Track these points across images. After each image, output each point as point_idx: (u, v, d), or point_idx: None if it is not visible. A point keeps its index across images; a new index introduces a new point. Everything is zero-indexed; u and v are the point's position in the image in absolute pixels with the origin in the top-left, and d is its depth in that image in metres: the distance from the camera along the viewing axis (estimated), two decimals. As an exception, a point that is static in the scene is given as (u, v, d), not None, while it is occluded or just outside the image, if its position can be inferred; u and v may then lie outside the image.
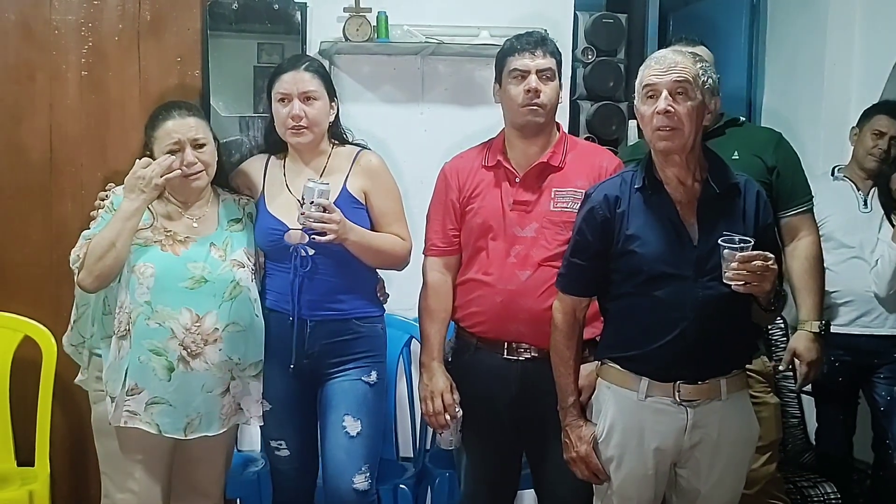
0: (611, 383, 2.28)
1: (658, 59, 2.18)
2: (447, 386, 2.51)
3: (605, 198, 2.25)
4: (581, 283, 2.31)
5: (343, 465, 2.46)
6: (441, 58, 3.40)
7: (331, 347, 2.51)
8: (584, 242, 2.27)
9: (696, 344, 2.15)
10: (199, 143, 2.41)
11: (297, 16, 3.28)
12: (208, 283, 2.37)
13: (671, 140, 2.13)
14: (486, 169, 2.54)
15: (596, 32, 3.60)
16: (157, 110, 2.48)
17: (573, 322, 2.32)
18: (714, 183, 2.19)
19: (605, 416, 2.28)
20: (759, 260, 2.02)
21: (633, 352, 2.22)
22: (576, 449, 2.31)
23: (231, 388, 2.43)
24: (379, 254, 2.53)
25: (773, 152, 2.75)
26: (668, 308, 2.16)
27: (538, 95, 2.42)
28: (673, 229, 2.19)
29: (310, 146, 2.54)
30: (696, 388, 2.19)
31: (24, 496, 2.79)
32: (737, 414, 2.24)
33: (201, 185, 2.46)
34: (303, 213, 2.34)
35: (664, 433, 2.20)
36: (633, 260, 2.20)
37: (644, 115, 2.17)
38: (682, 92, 2.13)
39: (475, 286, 2.50)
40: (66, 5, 3.15)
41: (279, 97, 2.50)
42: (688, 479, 2.26)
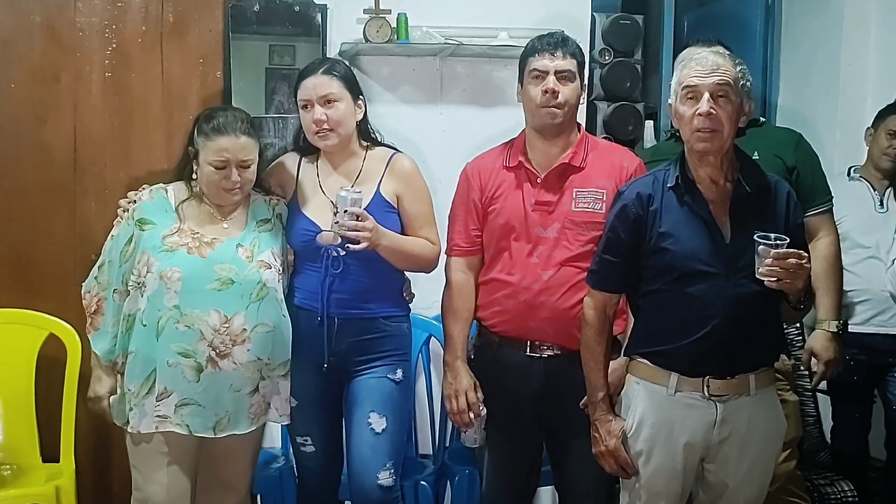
0: (640, 378, 2.30)
1: (699, 60, 2.19)
2: (471, 385, 2.54)
3: (638, 196, 2.28)
4: (612, 279, 2.34)
5: (368, 460, 2.49)
6: (460, 59, 3.42)
7: (358, 346, 2.54)
8: (617, 239, 2.30)
9: (727, 340, 2.18)
10: (246, 163, 2.43)
11: (317, 17, 3.30)
12: (235, 285, 2.39)
13: (710, 142, 2.16)
14: (508, 170, 2.56)
15: (613, 33, 3.63)
16: (212, 115, 2.45)
17: (603, 318, 2.35)
18: (746, 183, 2.22)
19: (634, 411, 2.30)
20: (794, 258, 2.05)
21: (664, 347, 2.25)
22: (605, 443, 2.33)
23: (261, 388, 2.45)
24: (409, 257, 2.56)
25: (792, 152, 2.77)
26: (700, 305, 2.19)
27: (556, 96, 2.44)
28: (706, 227, 2.21)
29: (338, 147, 2.56)
30: (726, 383, 2.21)
31: (50, 492, 2.82)
32: (765, 409, 2.27)
33: (237, 201, 2.49)
34: (336, 222, 2.37)
35: (694, 428, 2.23)
36: (666, 257, 2.23)
37: (684, 116, 2.19)
38: (724, 95, 2.15)
39: (498, 286, 2.53)
40: (91, 7, 3.20)
41: (302, 104, 2.53)
42: (715, 473, 2.29)
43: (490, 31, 3.33)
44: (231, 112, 2.49)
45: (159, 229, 2.44)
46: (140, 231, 2.45)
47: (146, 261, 2.41)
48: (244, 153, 2.41)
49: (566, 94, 2.45)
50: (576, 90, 2.49)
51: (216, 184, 2.42)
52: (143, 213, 2.47)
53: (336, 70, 2.56)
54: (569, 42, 2.50)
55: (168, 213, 2.47)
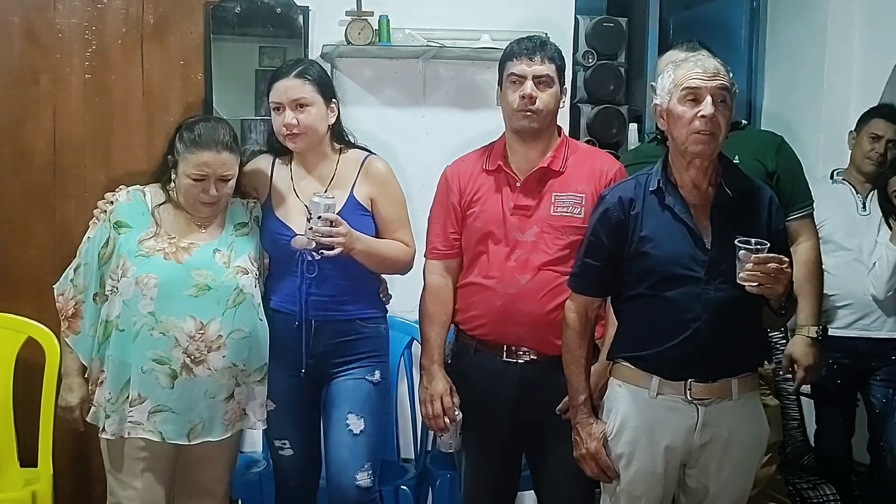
0: (623, 381, 2.30)
1: (698, 63, 2.18)
2: (447, 389, 2.52)
3: (620, 200, 2.27)
4: (594, 283, 2.34)
5: (346, 461, 2.48)
6: (442, 61, 3.41)
7: (335, 347, 2.53)
8: (598, 243, 2.30)
9: (708, 345, 2.17)
10: (226, 178, 2.41)
11: (299, 19, 3.29)
12: (212, 291, 2.38)
13: (709, 144, 2.16)
14: (487, 173, 2.55)
15: (596, 36, 3.62)
16: (194, 126, 2.42)
17: (585, 322, 2.35)
18: (728, 187, 2.22)
19: (615, 414, 2.30)
20: (775, 262, 2.05)
21: (645, 351, 2.25)
22: (586, 445, 2.32)
23: (236, 394, 2.43)
24: (384, 260, 2.55)
25: (774, 156, 2.76)
26: (680, 309, 2.19)
27: (533, 102, 2.42)
28: (687, 232, 2.21)
29: (310, 150, 2.55)
30: (707, 386, 2.21)
31: (27, 497, 2.79)
32: (747, 414, 2.26)
33: (212, 214, 2.47)
34: (310, 228, 2.35)
35: (674, 431, 2.22)
36: (647, 261, 2.23)
37: (682, 117, 2.16)
38: (723, 100, 2.16)
39: (476, 290, 2.51)
40: (70, 9, 3.19)
41: (273, 106, 2.52)
42: (697, 478, 2.28)
43: (472, 34, 3.33)
44: (214, 124, 2.46)
45: (135, 232, 2.42)
46: (117, 234, 2.43)
47: (122, 264, 2.39)
48: (224, 168, 2.39)
49: (544, 99, 2.44)
50: (554, 95, 2.47)
51: (193, 196, 2.40)
52: (120, 215, 2.44)
53: (309, 73, 2.54)
54: (547, 46, 2.48)
55: (145, 216, 2.45)
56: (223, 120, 2.59)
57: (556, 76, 2.47)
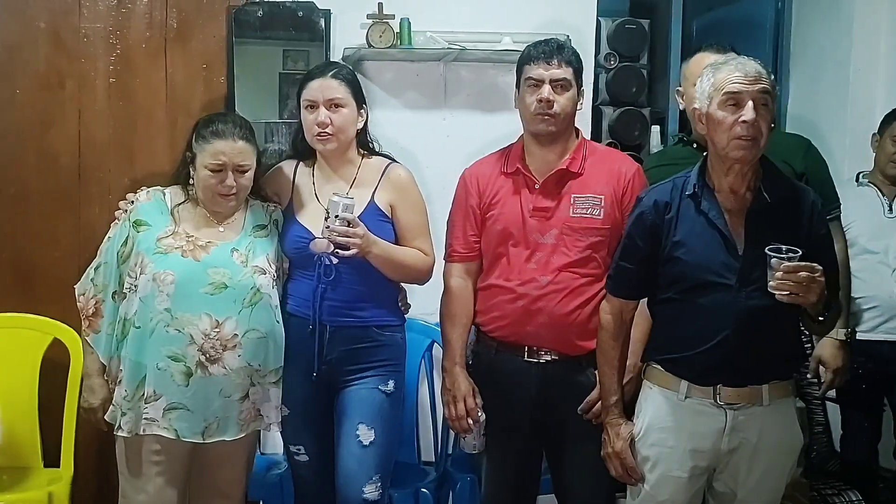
0: (653, 384, 2.29)
1: (740, 67, 2.14)
2: (469, 390, 2.52)
3: (655, 203, 2.26)
4: (628, 286, 2.33)
5: (354, 473, 2.46)
6: (464, 64, 3.40)
7: (349, 354, 2.52)
8: (633, 246, 2.29)
9: (737, 352, 2.15)
10: (243, 168, 2.42)
11: (320, 22, 3.29)
12: (229, 289, 2.39)
13: (750, 150, 2.13)
14: (506, 175, 2.55)
15: (618, 38, 3.60)
16: (210, 120, 2.46)
17: (620, 323, 2.35)
18: (766, 192, 2.18)
19: (643, 416, 2.29)
20: (806, 271, 2.01)
21: (676, 355, 2.23)
22: (612, 445, 2.32)
23: (250, 394, 2.44)
24: (401, 268, 2.54)
25: (801, 158, 2.73)
26: (710, 316, 2.16)
27: (550, 105, 2.42)
28: (720, 238, 2.18)
29: (336, 153, 2.55)
30: (737, 391, 2.19)
31: (43, 497, 2.82)
32: (779, 421, 2.23)
33: (232, 207, 2.48)
34: (327, 227, 2.35)
35: (702, 434, 2.21)
36: (678, 266, 2.21)
37: (723, 122, 2.12)
38: (766, 104, 2.12)
39: (496, 291, 2.51)
40: (95, 13, 3.21)
41: (306, 104, 2.51)
42: (725, 482, 2.26)
43: (493, 37, 3.32)
44: (230, 117, 2.50)
45: (154, 231, 2.44)
46: (136, 232, 2.45)
47: (140, 262, 2.41)
48: (241, 157, 2.41)
49: (562, 103, 2.44)
50: (572, 98, 2.47)
51: (212, 188, 2.41)
52: (140, 214, 2.47)
53: (344, 75, 2.56)
54: (565, 49, 2.48)
55: (164, 214, 2.47)
56: (238, 115, 2.61)
57: (573, 79, 2.47)
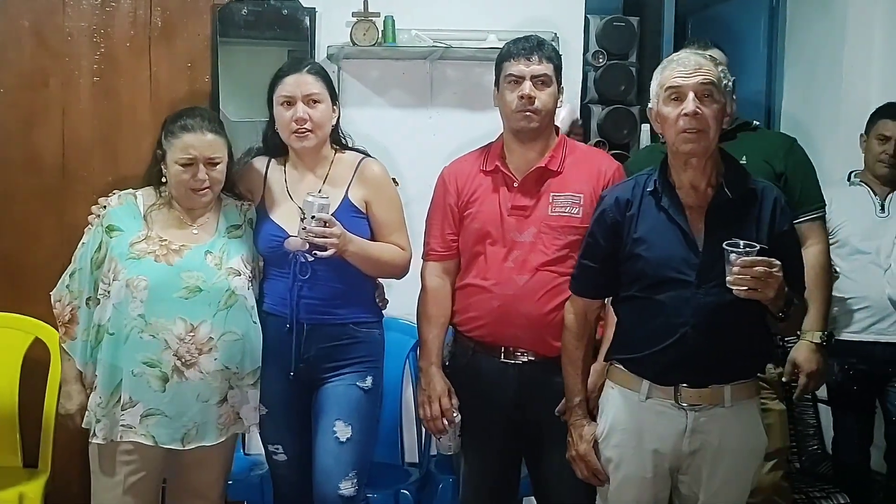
0: (615, 384, 2.27)
1: (681, 61, 2.15)
2: (445, 390, 2.50)
3: (616, 201, 2.24)
4: (591, 285, 2.31)
5: (330, 470, 2.44)
6: (449, 62, 3.39)
7: (327, 352, 2.49)
8: (595, 245, 2.27)
9: (698, 350, 2.12)
10: (214, 161, 2.39)
11: (305, 21, 3.29)
12: (203, 293, 2.36)
13: (697, 142, 2.11)
14: (485, 174, 2.53)
15: (607, 36, 3.56)
16: (178, 115, 2.44)
17: (584, 323, 2.33)
18: (728, 188, 2.17)
19: (606, 416, 2.27)
20: (762, 266, 1.98)
21: (637, 354, 2.21)
22: (576, 447, 2.30)
23: (229, 398, 2.42)
24: (378, 264, 2.52)
25: (783, 158, 2.70)
26: (669, 313, 2.14)
27: (532, 102, 2.40)
28: (679, 234, 2.16)
29: (312, 150, 2.53)
30: (698, 392, 2.16)
31: (13, 497, 2.80)
32: (741, 423, 2.20)
33: (206, 201, 2.45)
34: (303, 228, 2.33)
35: (663, 435, 2.18)
36: (639, 263, 2.19)
37: (668, 118, 2.14)
38: (709, 94, 2.11)
39: (473, 291, 2.49)
40: (79, 12, 3.21)
41: (283, 100, 2.48)
42: (689, 485, 2.23)
43: (479, 34, 3.30)
44: (198, 111, 2.48)
45: (127, 236, 2.41)
46: (109, 238, 2.42)
47: (114, 268, 2.38)
48: (211, 150, 2.38)
49: (543, 99, 2.42)
50: (552, 95, 2.45)
51: (184, 183, 2.39)
52: (112, 219, 2.44)
53: (318, 71, 2.55)
54: (544, 46, 2.45)
55: (136, 219, 2.44)
56: (207, 109, 2.60)
57: (553, 75, 2.45)
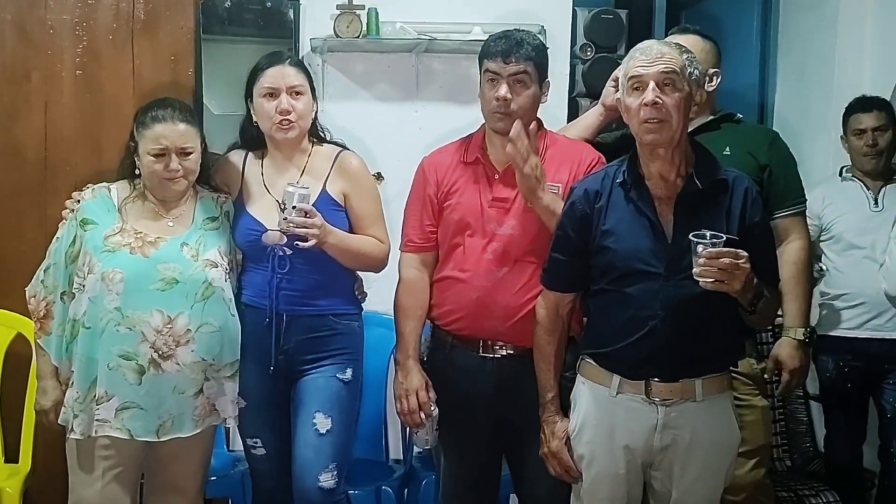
0: (586, 379, 2.24)
1: (643, 50, 2.13)
2: (422, 384, 2.47)
3: (586, 192, 2.21)
4: (562, 278, 2.28)
5: (310, 462, 2.42)
6: (435, 55, 3.36)
7: (306, 344, 2.48)
8: (565, 237, 2.24)
9: (667, 343, 2.09)
10: (186, 151, 2.38)
11: (289, 13, 3.28)
12: (180, 284, 2.34)
13: (659, 132, 2.08)
14: (465, 165, 2.49)
15: (595, 29, 3.53)
16: (149, 106, 2.43)
17: (555, 318, 2.29)
18: (698, 178, 2.13)
19: (577, 412, 2.24)
20: (728, 257, 1.95)
21: (607, 348, 2.18)
22: (548, 444, 2.28)
23: (205, 389, 2.39)
24: (357, 256, 2.50)
25: (766, 150, 2.66)
26: (639, 305, 2.11)
27: (508, 104, 2.36)
28: (648, 225, 2.13)
29: (292, 143, 2.51)
30: (668, 386, 2.13)
31: (-9, 493, 2.79)
32: (713, 417, 2.17)
33: (179, 190, 2.43)
34: (284, 219, 2.30)
35: (634, 431, 2.15)
36: (608, 256, 2.16)
37: (630, 108, 2.12)
38: (670, 83, 2.08)
39: (450, 283, 2.45)
40: (61, 5, 3.19)
41: (265, 92, 2.46)
42: (661, 481, 2.20)
43: (464, 27, 3.28)
44: (168, 101, 2.46)
45: (101, 229, 2.39)
46: (83, 231, 2.40)
47: (88, 261, 2.37)
48: (183, 140, 2.37)
49: (519, 101, 2.38)
50: (531, 95, 2.40)
51: (157, 174, 2.37)
52: (86, 213, 2.42)
53: (298, 63, 2.56)
54: (524, 45, 2.39)
55: (111, 212, 2.42)
56: (178, 100, 2.57)
57: (534, 73, 2.40)
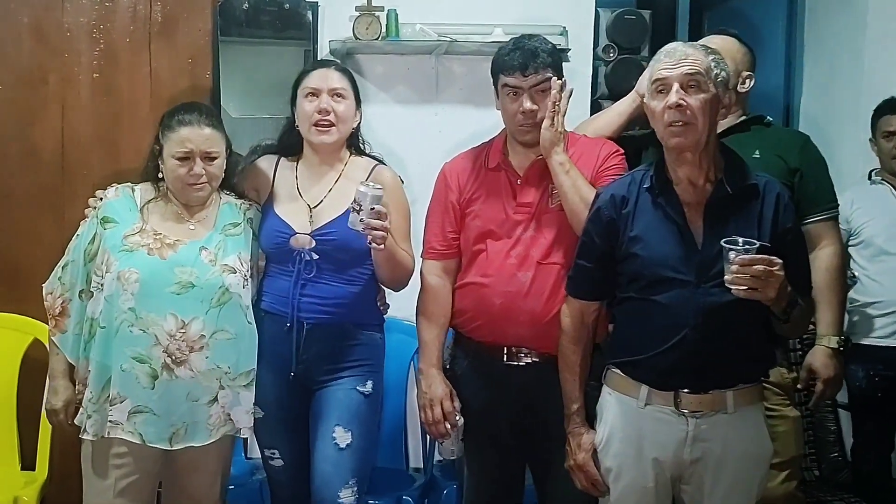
0: (613, 389, 2.18)
1: (668, 52, 2.09)
2: (447, 393, 2.42)
3: (612, 198, 2.16)
4: (587, 286, 2.23)
5: (329, 477, 2.37)
6: (455, 57, 3.31)
7: (326, 352, 2.43)
8: (590, 244, 2.19)
9: (698, 353, 2.03)
10: (211, 155, 2.35)
11: (308, 15, 3.24)
12: (196, 288, 2.30)
13: (684, 136, 2.03)
14: (487, 170, 2.46)
15: (617, 30, 3.47)
16: (175, 110, 2.41)
17: (580, 327, 2.24)
18: (728, 183, 2.08)
19: (605, 424, 2.19)
20: (762, 264, 1.89)
21: (634, 358, 2.12)
22: (574, 457, 2.22)
23: (220, 398, 2.35)
24: (398, 266, 2.45)
25: (797, 153, 2.59)
26: (668, 314, 2.05)
27: (534, 115, 2.33)
28: (678, 231, 2.08)
29: (329, 148, 2.49)
30: (699, 398, 2.07)
31: (8, 501, 2.75)
32: (746, 429, 2.10)
33: (203, 196, 2.41)
34: (361, 220, 2.23)
35: (663, 444, 2.09)
36: (636, 263, 2.11)
37: (655, 111, 2.07)
38: (695, 85, 2.03)
39: (473, 289, 2.41)
40: (78, 8, 3.16)
41: (307, 92, 2.45)
42: (692, 495, 2.14)
43: (485, 28, 3.22)
44: (195, 106, 2.44)
45: (121, 228, 2.36)
46: (103, 229, 2.38)
47: (106, 260, 2.33)
48: (208, 144, 2.34)
49: (545, 108, 2.33)
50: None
51: (180, 178, 2.34)
52: (107, 211, 2.40)
53: (347, 72, 2.55)
54: (539, 53, 2.34)
55: (132, 212, 2.40)
56: (205, 104, 2.56)
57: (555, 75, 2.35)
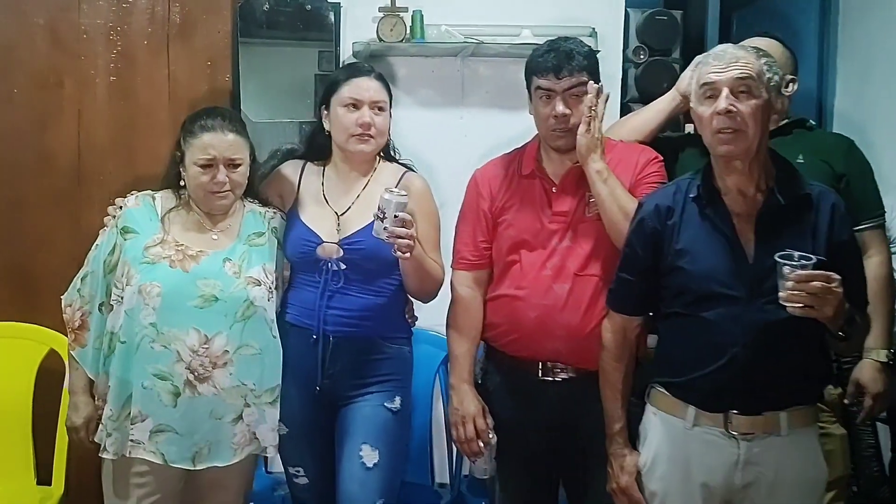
0: (658, 409, 2.09)
1: (717, 55, 1.99)
2: (479, 410, 2.34)
3: (657, 208, 2.07)
4: (630, 300, 2.14)
5: (356, 497, 2.29)
6: (482, 59, 3.22)
7: (353, 367, 2.35)
8: (633, 256, 2.10)
9: (749, 373, 1.93)
10: (235, 163, 2.28)
11: (330, 17, 3.16)
12: (219, 302, 2.22)
13: (734, 143, 1.94)
14: (521, 178, 2.38)
15: (648, 31, 3.37)
16: (198, 115, 2.34)
17: (623, 342, 2.15)
18: (780, 193, 1.98)
19: (649, 446, 2.09)
20: (820, 280, 1.79)
21: (680, 378, 2.03)
22: (617, 479, 2.13)
23: (245, 416, 2.27)
24: (427, 276, 2.37)
25: (842, 158, 2.50)
26: (717, 332, 1.96)
27: (567, 120, 2.25)
28: (727, 244, 1.98)
29: (368, 156, 2.43)
30: (750, 419, 1.97)
31: (24, 518, 2.68)
32: (800, 453, 2.01)
33: (226, 204, 2.33)
34: (385, 228, 2.15)
35: (712, 467, 1.99)
36: (682, 277, 2.01)
37: (703, 117, 1.98)
38: (746, 90, 1.94)
39: (507, 301, 2.32)
40: (95, 9, 3.08)
41: (348, 102, 2.37)
42: None
43: (512, 30, 3.13)
44: (218, 110, 2.36)
45: (142, 239, 2.29)
46: (123, 240, 2.30)
47: (127, 272, 2.26)
48: (231, 151, 2.26)
49: (579, 114, 2.25)
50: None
51: (203, 186, 2.27)
52: (127, 220, 2.32)
53: (384, 80, 2.47)
54: (574, 56, 2.26)
55: (153, 221, 2.32)
56: (229, 108, 2.49)
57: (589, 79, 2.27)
